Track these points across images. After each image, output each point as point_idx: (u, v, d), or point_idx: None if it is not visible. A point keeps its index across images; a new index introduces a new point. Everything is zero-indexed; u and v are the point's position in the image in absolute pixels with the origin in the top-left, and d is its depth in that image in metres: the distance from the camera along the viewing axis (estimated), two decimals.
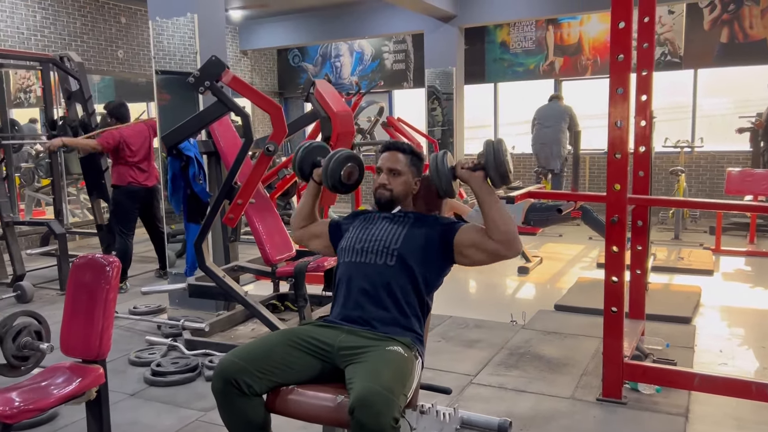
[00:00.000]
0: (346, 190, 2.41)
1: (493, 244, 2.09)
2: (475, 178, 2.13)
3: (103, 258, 2.47)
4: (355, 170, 2.39)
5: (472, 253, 2.15)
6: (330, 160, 2.34)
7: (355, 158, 2.39)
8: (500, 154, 2.09)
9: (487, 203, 2.10)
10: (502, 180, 2.12)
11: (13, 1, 7.08)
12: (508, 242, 2.08)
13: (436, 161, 2.19)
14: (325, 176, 2.34)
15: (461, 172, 2.16)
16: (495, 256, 2.13)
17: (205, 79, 3.47)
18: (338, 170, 2.34)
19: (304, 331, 2.09)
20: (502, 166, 2.09)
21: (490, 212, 2.09)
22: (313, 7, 9.73)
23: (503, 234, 2.07)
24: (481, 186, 2.12)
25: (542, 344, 3.92)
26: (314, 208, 2.49)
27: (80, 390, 2.32)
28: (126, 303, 4.97)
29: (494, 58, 10.01)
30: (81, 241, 7.69)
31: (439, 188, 2.20)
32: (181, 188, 4.13)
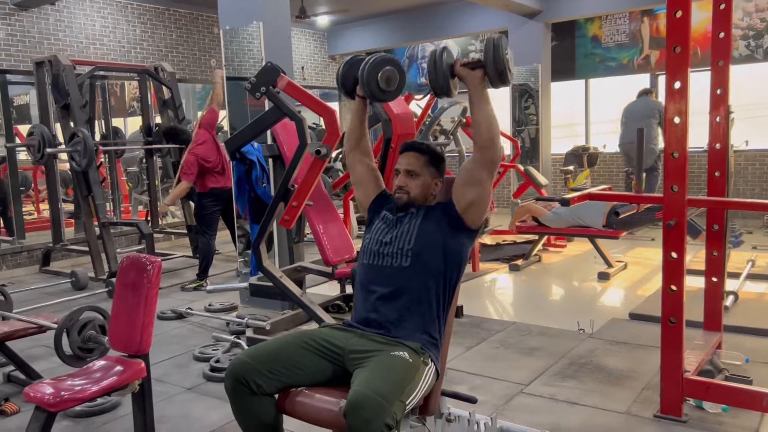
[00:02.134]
0: (387, 96, 2.34)
1: (477, 155, 2.11)
2: (472, 76, 2.10)
3: (146, 258, 2.60)
4: (394, 74, 2.31)
5: (469, 191, 2.13)
6: (364, 67, 2.27)
7: (391, 61, 2.31)
8: (499, 50, 2.05)
9: (476, 104, 2.09)
10: (499, 78, 2.08)
11: (115, 18, 7.63)
12: (489, 148, 2.09)
13: (434, 56, 2.14)
14: (362, 84, 2.29)
15: (459, 69, 2.12)
16: (483, 166, 2.12)
17: (261, 85, 3.57)
18: (374, 75, 2.27)
19: (318, 334, 2.09)
20: (500, 62, 2.05)
21: (478, 113, 2.09)
22: (398, 10, 9.77)
23: (485, 137, 2.09)
24: (477, 85, 2.10)
25: (607, 355, 3.71)
26: (362, 127, 2.43)
27: (120, 383, 2.44)
28: (203, 301, 5.22)
29: (585, 53, 9.60)
30: (176, 240, 8.14)
31: (435, 86, 2.15)
32: (246, 191, 4.27)
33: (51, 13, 6.98)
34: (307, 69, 10.45)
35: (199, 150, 5.50)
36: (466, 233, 2.17)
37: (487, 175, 2.11)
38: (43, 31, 6.93)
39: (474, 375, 3.45)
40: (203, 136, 5.56)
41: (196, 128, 5.68)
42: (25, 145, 6.25)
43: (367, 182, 2.40)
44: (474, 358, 3.74)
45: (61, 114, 6.08)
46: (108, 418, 3.10)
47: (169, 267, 6.81)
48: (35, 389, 2.32)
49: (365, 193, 2.39)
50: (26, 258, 6.79)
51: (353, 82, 2.35)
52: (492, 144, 2.09)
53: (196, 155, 5.47)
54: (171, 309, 4.92)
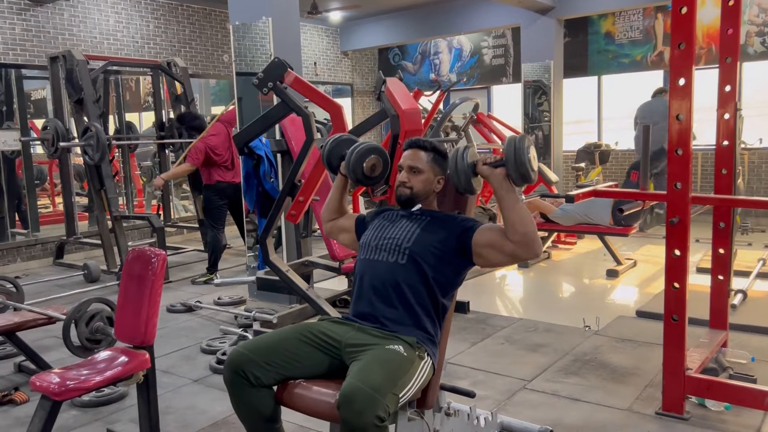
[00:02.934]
0: (370, 183, 2.40)
1: (510, 245, 2.01)
2: (495, 176, 2.04)
3: (151, 251, 2.64)
4: (378, 162, 2.37)
5: (489, 253, 2.08)
6: (351, 154, 2.34)
7: (377, 150, 2.36)
8: (521, 153, 1.98)
9: (505, 202, 2.02)
10: (522, 179, 2.01)
11: (129, 13, 7.70)
12: (526, 244, 1.99)
13: (456, 156, 2.12)
14: (347, 170, 2.35)
15: (482, 168, 2.08)
16: (513, 258, 2.05)
17: (268, 81, 3.60)
18: (360, 163, 2.34)
19: (316, 326, 2.12)
20: (522, 166, 1.98)
21: (508, 212, 2.01)
22: (411, 5, 9.76)
23: (521, 235, 1.98)
24: (501, 184, 2.03)
25: (611, 352, 3.70)
26: (342, 202, 2.50)
27: (124, 373, 2.48)
28: (212, 294, 5.27)
29: (598, 50, 9.54)
30: (188, 234, 8.22)
31: (457, 185, 2.13)
32: (254, 186, 4.31)
33: (66, 9, 7.06)
34: (320, 65, 10.47)
35: (211, 140, 5.55)
36: (468, 264, 2.16)
37: (512, 261, 2.09)
38: (58, 26, 7.01)
39: (477, 370, 3.47)
40: (218, 128, 5.62)
41: (214, 121, 5.73)
42: (40, 139, 6.34)
43: (348, 233, 2.47)
44: (478, 353, 3.76)
45: (74, 108, 6.15)
46: (115, 408, 3.15)
47: (180, 260, 6.89)
48: (41, 378, 2.37)
49: (349, 238, 2.46)
50: (40, 251, 6.89)
51: (339, 159, 2.42)
52: (529, 242, 1.98)
53: (206, 144, 5.53)
54: (180, 302, 4.97)
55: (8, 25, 6.59)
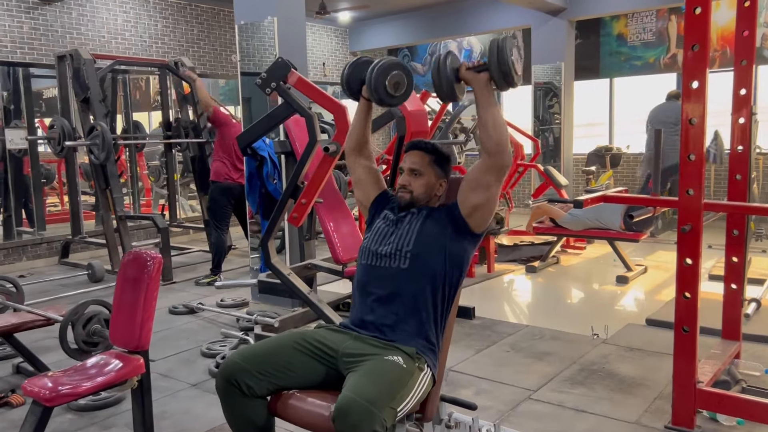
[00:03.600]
0: (395, 101, 2.30)
1: (485, 159, 2.03)
2: (478, 79, 2.03)
3: (146, 254, 2.58)
4: (402, 79, 2.26)
5: (473, 198, 2.07)
6: (372, 70, 2.22)
7: (400, 65, 2.26)
8: (504, 51, 1.97)
9: (483, 106, 2.02)
10: (505, 79, 2.00)
11: (137, 12, 7.68)
12: (497, 153, 2.01)
13: (438, 61, 2.08)
14: (369, 89, 2.24)
15: (465, 73, 2.05)
16: (489, 173, 2.05)
17: (272, 81, 3.53)
18: (382, 80, 2.22)
19: (312, 335, 2.05)
20: (504, 64, 1.97)
21: (485, 116, 2.02)
22: (421, 6, 9.69)
23: (493, 141, 2.01)
24: (483, 88, 2.02)
25: (620, 361, 3.61)
26: (366, 129, 2.37)
27: (117, 379, 2.43)
28: (216, 296, 5.21)
29: (610, 52, 9.42)
30: (194, 234, 8.18)
31: (439, 91, 2.09)
32: (257, 187, 4.25)
33: (74, 7, 7.04)
34: (329, 65, 10.42)
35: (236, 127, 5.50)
36: (469, 237, 2.10)
37: (495, 180, 2.05)
38: (66, 25, 7.00)
39: (481, 379, 3.38)
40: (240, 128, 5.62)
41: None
42: (46, 137, 6.32)
43: (367, 182, 2.35)
44: (483, 361, 3.67)
45: (81, 107, 6.13)
46: (111, 413, 3.10)
47: (185, 261, 6.85)
48: (33, 383, 2.32)
49: (365, 194, 2.35)
50: (46, 249, 6.88)
51: (360, 83, 2.30)
52: (500, 149, 2.01)
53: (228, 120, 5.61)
54: (183, 304, 4.92)
55: (16, 24, 6.58)
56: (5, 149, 6.76)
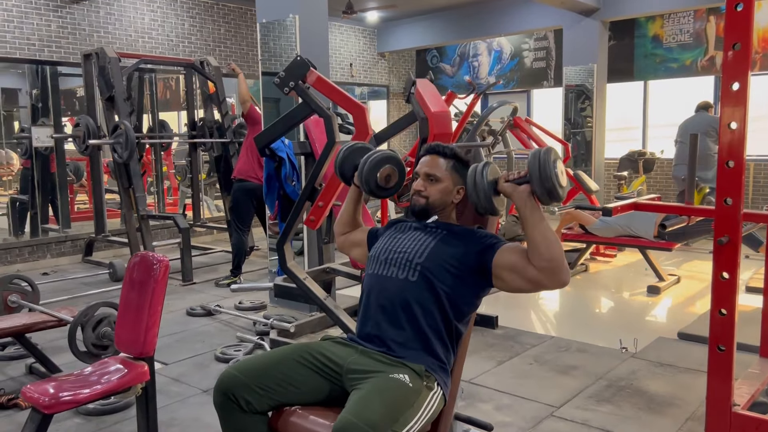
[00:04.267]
0: (385, 194, 2.23)
1: (533, 271, 1.79)
2: (519, 193, 1.82)
3: (153, 256, 2.50)
4: (394, 172, 2.20)
5: (509, 277, 1.86)
6: (364, 163, 2.18)
7: (393, 159, 2.20)
8: (547, 167, 1.77)
9: (529, 222, 1.80)
10: (549, 196, 1.79)
11: (164, 11, 7.68)
12: (551, 270, 1.76)
13: (474, 173, 1.91)
14: (360, 180, 2.19)
15: (504, 185, 1.87)
16: (535, 285, 1.83)
17: (290, 80, 3.44)
18: (373, 173, 2.17)
19: (316, 348, 1.93)
20: (548, 180, 1.77)
21: (532, 233, 1.79)
22: (450, 6, 9.54)
23: (545, 261, 1.76)
24: (526, 202, 1.81)
25: (650, 378, 3.42)
26: (356, 214, 2.34)
27: (120, 386, 2.35)
28: (234, 297, 5.14)
29: (644, 54, 9.14)
30: (218, 235, 8.15)
31: (477, 205, 1.92)
32: (275, 189, 4.16)
33: (101, 6, 7.07)
34: (356, 66, 10.32)
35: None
36: (488, 286, 1.94)
37: (531, 289, 1.87)
38: (94, 23, 7.02)
39: (502, 393, 3.23)
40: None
41: None
42: (71, 135, 6.33)
43: (361, 243, 2.29)
44: (504, 374, 3.52)
45: (105, 106, 6.12)
46: (119, 418, 3.03)
47: (207, 261, 6.82)
48: (32, 389, 2.25)
49: (361, 252, 2.28)
50: (70, 247, 6.91)
51: (353, 169, 2.27)
52: (554, 267, 1.75)
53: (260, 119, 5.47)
54: (201, 305, 4.86)
55: (44, 22, 6.62)
56: (32, 147, 6.80)
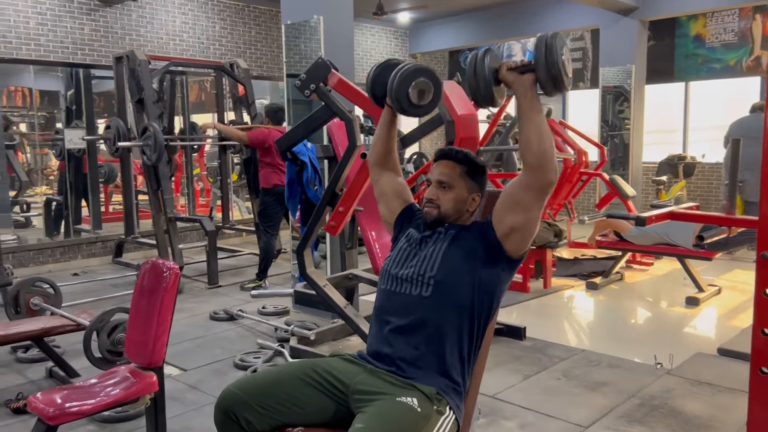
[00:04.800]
0: (420, 112, 2.04)
1: (525, 174, 1.75)
2: (521, 81, 1.74)
3: (164, 264, 2.43)
4: (428, 87, 1.99)
5: (510, 218, 1.79)
6: (394, 77, 1.97)
7: (426, 72, 2.00)
8: (553, 51, 1.68)
9: (526, 114, 1.74)
10: (554, 84, 1.71)
11: (195, 14, 7.70)
12: (539, 167, 1.72)
13: (475, 60, 1.80)
14: (390, 96, 2.00)
15: (506, 74, 1.77)
16: (529, 191, 1.76)
17: (311, 82, 3.36)
18: (404, 88, 1.97)
19: (323, 365, 1.83)
20: (554, 66, 1.68)
21: (527, 126, 1.73)
22: (483, 6, 9.37)
23: (535, 156, 1.72)
24: (527, 92, 1.74)
25: (685, 397, 3.23)
26: (389, 140, 2.14)
27: (127, 397, 2.29)
28: (258, 302, 5.08)
29: (686, 54, 8.82)
30: (247, 237, 8.14)
31: (476, 94, 1.81)
32: (298, 193, 4.09)
33: (134, 9, 7.12)
34: None
35: (276, 134, 5.36)
36: (504, 263, 1.83)
37: (536, 199, 1.76)
38: (126, 26, 7.08)
39: (527, 410, 3.08)
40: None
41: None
42: (102, 137, 6.38)
43: (391, 196, 2.12)
44: (530, 389, 3.37)
45: (135, 108, 6.14)
46: (133, 426, 2.97)
47: (234, 264, 6.79)
48: (39, 399, 2.20)
49: (389, 209, 2.11)
50: (101, 248, 6.97)
51: (385, 87, 2.04)
52: (543, 162, 1.72)
53: (270, 134, 5.40)
54: (224, 309, 4.82)
55: (77, 26, 6.69)
56: (65, 149, 6.89)
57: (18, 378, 3.57)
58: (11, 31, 6.25)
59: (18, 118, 8.49)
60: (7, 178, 7.64)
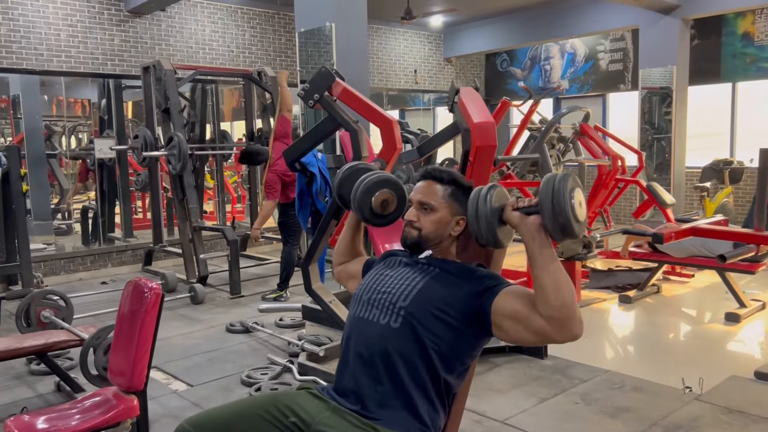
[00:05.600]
0: (382, 222, 1.97)
1: (538, 320, 1.50)
2: (527, 225, 1.53)
3: (146, 284, 2.36)
4: (391, 197, 1.93)
5: (511, 327, 1.57)
6: (357, 187, 1.93)
7: (389, 182, 1.93)
8: (561, 197, 1.47)
9: (537, 261, 1.51)
10: (562, 232, 1.49)
11: (225, 22, 7.73)
12: (560, 321, 1.47)
13: (477, 198, 1.62)
14: (354, 207, 1.95)
15: (510, 214, 1.58)
16: (542, 337, 1.53)
17: (315, 92, 3.26)
18: (367, 199, 1.92)
19: (284, 401, 1.69)
20: (562, 214, 1.47)
21: (540, 274, 1.50)
22: (519, 8, 9.13)
23: (554, 309, 1.47)
24: (534, 236, 1.52)
25: (714, 426, 2.98)
26: (353, 243, 2.11)
27: (105, 423, 2.22)
28: (276, 314, 5.01)
29: (733, 53, 8.38)
30: (277, 245, 8.10)
31: (477, 235, 1.64)
32: (308, 204, 3.99)
33: (163, 19, 7.19)
34: (421, 72, 10.08)
35: (279, 167, 5.28)
36: (485, 333, 1.66)
37: (536, 341, 1.58)
38: (155, 36, 7.15)
39: None
40: (278, 150, 5.31)
41: (271, 141, 5.48)
42: (130, 147, 6.45)
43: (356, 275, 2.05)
44: (544, 414, 3.17)
45: (162, 118, 6.18)
46: None
47: (259, 273, 6.76)
48: (13, 424, 2.15)
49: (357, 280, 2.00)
50: (130, 256, 7.04)
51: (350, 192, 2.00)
52: (564, 315, 1.47)
53: (276, 172, 5.30)
54: (240, 321, 4.76)
55: (108, 37, 6.79)
56: (96, 158, 7.00)
57: (27, 391, 3.58)
58: (42, 44, 6.38)
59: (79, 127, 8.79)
60: (48, 187, 7.85)
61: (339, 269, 2.15)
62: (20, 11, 6.23)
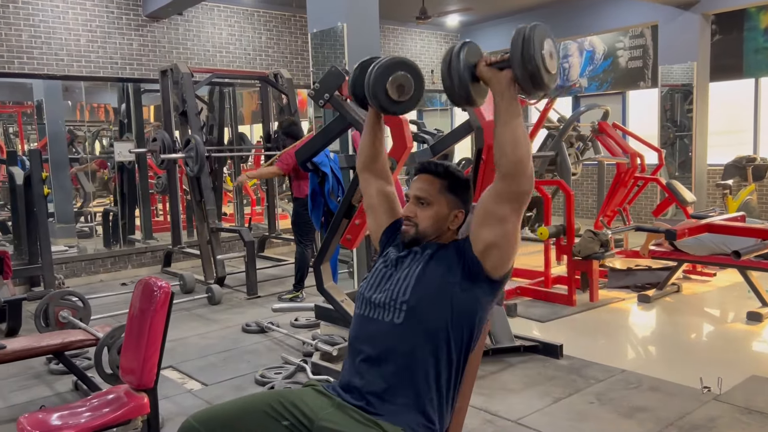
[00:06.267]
0: (399, 109, 1.88)
1: (498, 183, 1.60)
2: (498, 79, 1.55)
3: (155, 282, 2.38)
4: (407, 80, 1.84)
5: (486, 232, 1.64)
6: (371, 72, 1.82)
7: (404, 64, 1.85)
8: (530, 44, 1.49)
9: (502, 116, 1.56)
10: (531, 82, 1.51)
11: (241, 26, 7.79)
12: (514, 175, 1.57)
13: (450, 55, 1.61)
14: (368, 95, 1.84)
15: (483, 69, 1.58)
16: (504, 199, 1.61)
17: (325, 92, 3.28)
18: (382, 82, 1.81)
19: (289, 397, 1.70)
20: (531, 61, 1.48)
21: (502, 129, 1.56)
22: (535, 6, 9.07)
23: (510, 163, 1.56)
24: (504, 91, 1.55)
25: (733, 427, 2.92)
26: (375, 143, 1.97)
27: (115, 420, 2.24)
28: (292, 313, 5.03)
29: (755, 48, 8.23)
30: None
31: (450, 92, 1.62)
32: (321, 204, 4.00)
33: (180, 24, 7.27)
34: (437, 72, 10.04)
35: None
36: (484, 285, 1.66)
37: (511, 211, 1.60)
38: (173, 40, 7.23)
39: None
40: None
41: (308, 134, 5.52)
42: (148, 150, 6.52)
43: (379, 208, 1.95)
44: (558, 413, 3.14)
45: (180, 120, 6.25)
46: None
47: (276, 274, 6.78)
48: (26, 421, 2.18)
49: (376, 222, 1.96)
50: (150, 258, 7.12)
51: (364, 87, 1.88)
52: (517, 171, 1.56)
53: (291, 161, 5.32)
54: (256, 321, 4.79)
55: (126, 41, 6.88)
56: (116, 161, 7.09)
57: (45, 390, 3.64)
58: (63, 49, 6.48)
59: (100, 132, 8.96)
60: (71, 190, 7.98)
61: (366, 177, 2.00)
62: (41, 17, 6.35)
